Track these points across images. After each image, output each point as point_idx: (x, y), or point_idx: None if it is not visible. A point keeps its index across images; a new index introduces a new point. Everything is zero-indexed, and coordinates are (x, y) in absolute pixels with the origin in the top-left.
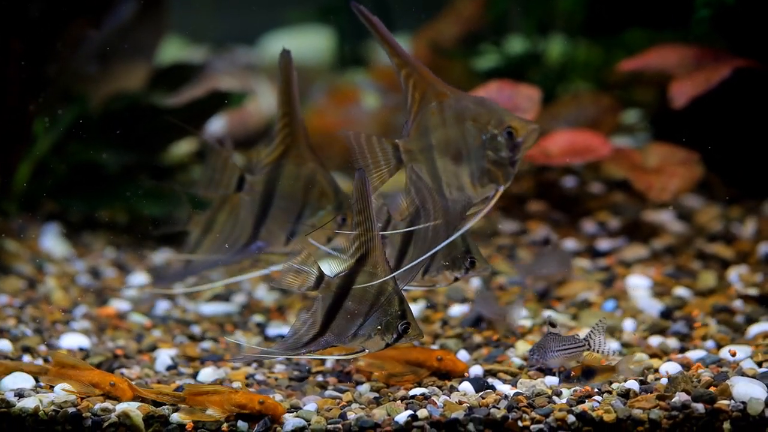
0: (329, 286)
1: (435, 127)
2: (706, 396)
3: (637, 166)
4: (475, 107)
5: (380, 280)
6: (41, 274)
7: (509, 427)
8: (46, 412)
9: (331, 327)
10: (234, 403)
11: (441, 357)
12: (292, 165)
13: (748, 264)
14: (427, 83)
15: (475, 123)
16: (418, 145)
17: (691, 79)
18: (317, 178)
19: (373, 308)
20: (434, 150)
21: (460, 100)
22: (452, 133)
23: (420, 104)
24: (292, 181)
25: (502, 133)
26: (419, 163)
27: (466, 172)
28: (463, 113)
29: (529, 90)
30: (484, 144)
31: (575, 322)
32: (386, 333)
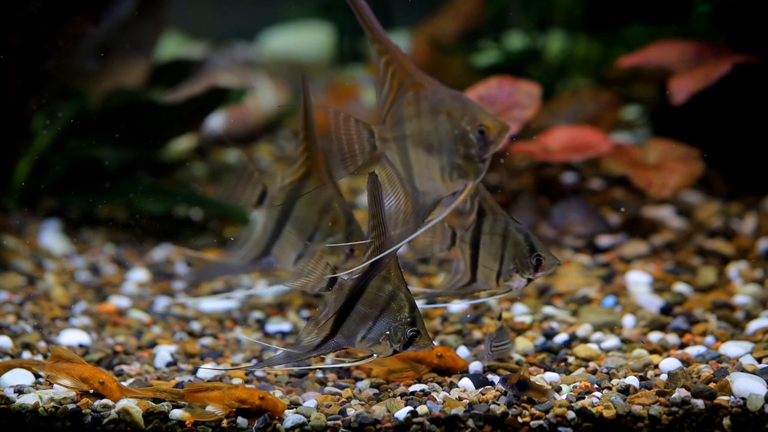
0: (342, 288)
1: (410, 117)
2: (706, 392)
3: (637, 163)
4: (451, 101)
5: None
6: (41, 271)
7: (509, 423)
8: (45, 409)
9: (342, 329)
10: (234, 398)
11: (441, 354)
12: (311, 187)
13: (748, 260)
14: (405, 72)
15: (449, 117)
16: (393, 133)
17: (690, 74)
18: (333, 204)
19: (383, 312)
20: (408, 140)
21: (437, 92)
22: (426, 124)
23: (397, 93)
24: (309, 204)
25: (474, 131)
26: (392, 152)
27: (437, 166)
28: (438, 106)
29: (529, 86)
30: (455, 139)
31: (575, 318)
32: (394, 339)
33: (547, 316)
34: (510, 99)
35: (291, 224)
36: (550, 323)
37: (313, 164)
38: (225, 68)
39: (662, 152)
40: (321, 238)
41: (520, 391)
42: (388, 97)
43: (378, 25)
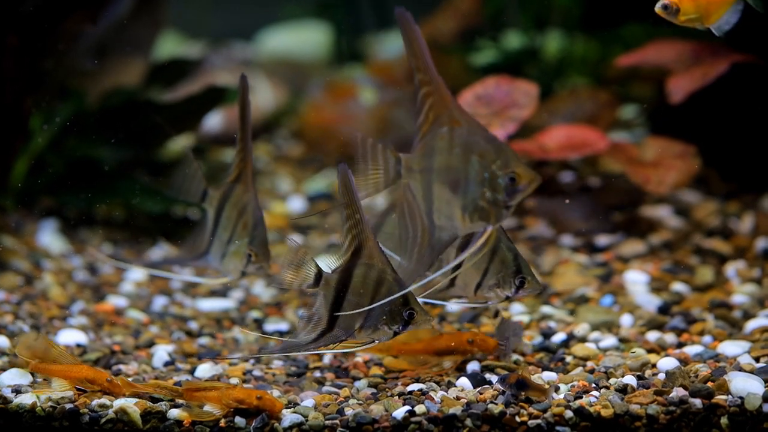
0: (328, 282)
1: (440, 151)
2: (704, 391)
3: (634, 160)
4: (485, 143)
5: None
6: (38, 270)
7: (507, 422)
8: (43, 408)
9: (338, 322)
10: (232, 398)
11: (471, 339)
12: (238, 190)
13: (745, 259)
14: (444, 107)
15: (481, 159)
16: (420, 164)
17: (688, 74)
18: (247, 208)
19: (375, 299)
20: (434, 174)
21: (473, 132)
22: (456, 162)
23: (432, 125)
24: (233, 206)
25: (504, 176)
26: (416, 183)
27: (460, 204)
28: (471, 146)
29: (527, 85)
30: (484, 181)
31: (573, 317)
32: (392, 322)
33: (544, 315)
34: (508, 98)
35: (221, 224)
36: (548, 322)
37: (245, 167)
38: (223, 68)
39: (659, 149)
40: (235, 239)
41: (519, 391)
42: (421, 128)
43: (426, 55)
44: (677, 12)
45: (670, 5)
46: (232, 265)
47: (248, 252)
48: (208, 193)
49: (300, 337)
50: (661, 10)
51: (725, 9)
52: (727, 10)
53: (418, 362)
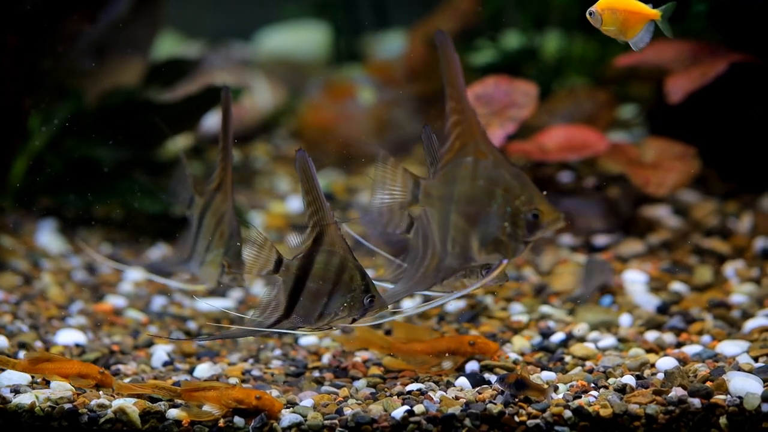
0: (289, 269)
1: (463, 180)
2: (703, 391)
3: (634, 161)
4: (511, 178)
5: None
6: (37, 270)
7: (506, 422)
8: (42, 408)
9: (296, 309)
10: (231, 398)
11: (473, 341)
12: (218, 199)
13: (744, 259)
14: (472, 137)
15: (506, 193)
16: (440, 191)
17: (687, 74)
18: (225, 218)
19: (336, 286)
20: (454, 203)
21: (498, 166)
22: (479, 193)
23: (456, 153)
24: (212, 215)
25: (528, 213)
26: (433, 210)
27: (478, 235)
28: (496, 179)
29: (526, 85)
30: (506, 215)
31: (572, 317)
32: (352, 309)
33: (543, 315)
34: (507, 98)
35: (202, 232)
36: (547, 322)
37: (225, 176)
38: (221, 68)
39: (659, 151)
40: (213, 248)
41: (518, 391)
42: (445, 155)
43: (461, 84)
44: (601, 22)
45: (596, 13)
46: (208, 274)
47: (222, 263)
48: (194, 199)
49: (257, 321)
50: (589, 17)
51: (640, 27)
52: (641, 28)
53: (418, 362)
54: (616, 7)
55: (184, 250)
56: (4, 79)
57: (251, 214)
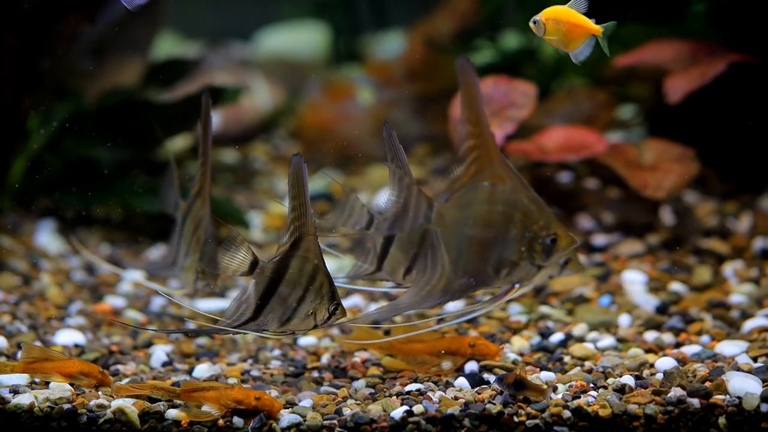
0: (264, 271)
1: (480, 204)
2: (702, 391)
3: (632, 163)
4: (529, 203)
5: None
6: (36, 271)
7: (505, 422)
8: (41, 409)
9: (264, 311)
10: (231, 398)
11: (473, 342)
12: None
13: (743, 259)
14: (489, 162)
15: (524, 218)
16: (454, 215)
17: (686, 74)
18: (201, 223)
19: (306, 293)
20: (469, 227)
21: (516, 191)
22: (497, 218)
23: (472, 177)
24: (191, 220)
25: (546, 237)
26: (447, 232)
27: (492, 259)
28: (515, 204)
29: (525, 86)
30: (523, 240)
31: (571, 317)
32: (317, 316)
33: (542, 315)
34: (506, 98)
35: (183, 237)
36: (546, 322)
37: (204, 181)
38: (220, 68)
39: (658, 152)
40: (190, 254)
41: (518, 391)
42: (460, 178)
43: (481, 108)
44: (544, 31)
45: (539, 22)
46: (185, 279)
47: (197, 270)
48: (179, 204)
49: (227, 322)
50: (532, 25)
51: (582, 41)
52: (582, 42)
53: (417, 362)
54: (560, 18)
55: (170, 255)
56: (4, 80)
57: (250, 214)
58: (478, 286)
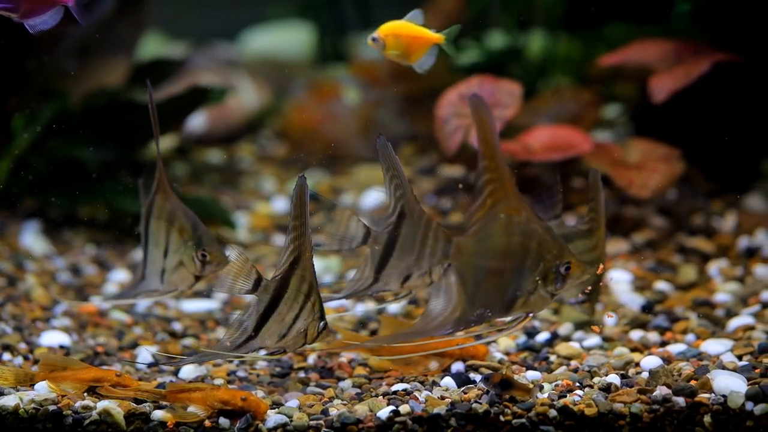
0: (267, 289)
1: (498, 237)
2: (687, 390)
3: (618, 162)
4: (543, 233)
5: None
6: (21, 272)
7: (491, 421)
8: (26, 410)
9: (263, 330)
10: (217, 399)
11: (462, 344)
12: (159, 201)
13: (728, 258)
14: (505, 195)
15: (539, 247)
16: (473, 248)
17: (671, 73)
18: (176, 214)
19: (301, 311)
20: (488, 258)
21: (531, 221)
22: (514, 248)
23: (488, 211)
24: (157, 219)
25: (560, 266)
26: (465, 266)
27: (508, 289)
28: (531, 234)
29: (510, 85)
30: (538, 269)
31: (557, 316)
32: (308, 334)
33: None
34: (491, 98)
35: (151, 241)
36: (532, 322)
37: (160, 175)
38: (206, 68)
39: (643, 152)
40: (174, 250)
41: (504, 390)
42: (477, 212)
43: (497, 143)
44: (384, 46)
45: (378, 39)
46: (179, 277)
47: (201, 253)
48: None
49: (225, 341)
50: (371, 42)
51: (424, 51)
52: (425, 52)
53: (403, 363)
54: (399, 32)
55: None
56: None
57: (236, 214)
58: (494, 316)
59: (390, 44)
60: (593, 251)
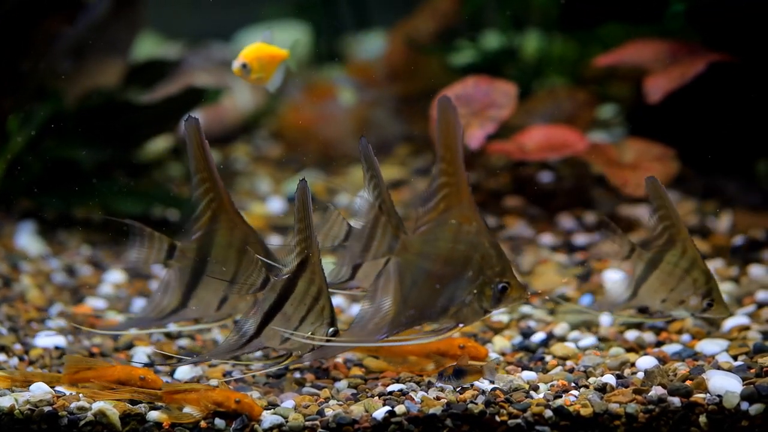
0: (273, 287)
1: (445, 242)
2: (682, 390)
3: (613, 162)
4: (489, 248)
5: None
6: (16, 273)
7: (487, 422)
8: (21, 411)
9: (266, 329)
10: (211, 401)
11: (463, 345)
12: (224, 230)
13: (723, 258)
14: (459, 201)
15: (483, 261)
16: (418, 249)
17: (666, 73)
18: (250, 242)
19: (308, 314)
20: (431, 261)
21: (480, 233)
22: (458, 257)
23: (440, 214)
24: (226, 247)
25: (498, 284)
26: (406, 264)
27: (444, 297)
28: (477, 246)
29: (506, 85)
30: (476, 282)
31: (552, 317)
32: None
33: (524, 314)
34: (487, 98)
35: (210, 271)
36: (528, 322)
37: (219, 206)
38: (201, 68)
39: (638, 152)
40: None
41: (459, 379)
42: (428, 214)
43: (459, 149)
44: (250, 71)
45: (247, 65)
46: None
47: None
48: (175, 248)
49: (230, 340)
50: (240, 69)
51: (274, 69)
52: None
53: (399, 363)
54: (260, 55)
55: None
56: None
57: None
58: (424, 320)
59: (255, 68)
60: (685, 256)
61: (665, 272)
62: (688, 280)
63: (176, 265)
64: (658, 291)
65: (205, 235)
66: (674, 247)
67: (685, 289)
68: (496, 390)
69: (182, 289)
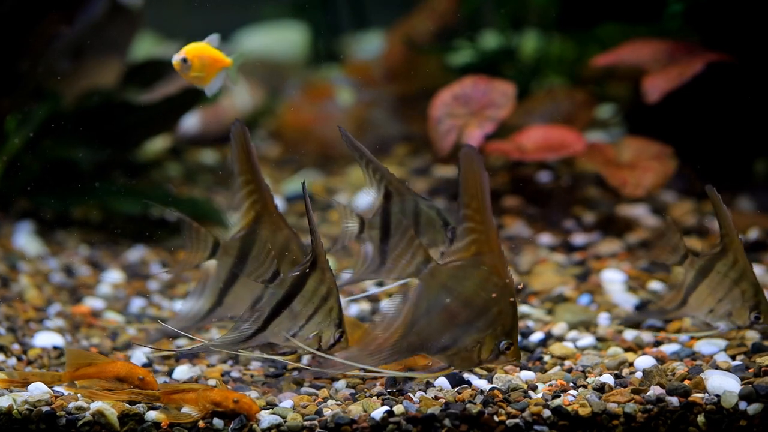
0: (283, 282)
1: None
2: (681, 389)
3: (611, 162)
4: (507, 305)
5: None
6: (14, 273)
7: (485, 422)
8: (19, 411)
9: (273, 323)
10: (209, 400)
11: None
12: (266, 231)
13: None
14: (490, 250)
15: (497, 316)
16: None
17: (664, 73)
18: (291, 246)
19: (316, 313)
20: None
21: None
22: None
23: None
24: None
25: (502, 342)
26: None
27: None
28: (498, 300)
29: (504, 85)
30: (484, 334)
31: (551, 316)
32: (323, 338)
33: (522, 314)
34: (485, 98)
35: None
36: (526, 322)
37: (263, 207)
38: None
39: (636, 151)
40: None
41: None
42: (458, 252)
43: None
44: (190, 68)
45: (187, 59)
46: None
47: None
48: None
49: (235, 332)
50: (180, 63)
51: (215, 74)
52: (215, 75)
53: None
54: (203, 54)
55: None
56: None
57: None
58: (423, 350)
59: (196, 66)
60: (735, 266)
61: (714, 281)
62: (736, 291)
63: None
64: (706, 301)
65: (248, 235)
66: (725, 256)
67: (733, 301)
68: (495, 390)
69: (219, 286)
